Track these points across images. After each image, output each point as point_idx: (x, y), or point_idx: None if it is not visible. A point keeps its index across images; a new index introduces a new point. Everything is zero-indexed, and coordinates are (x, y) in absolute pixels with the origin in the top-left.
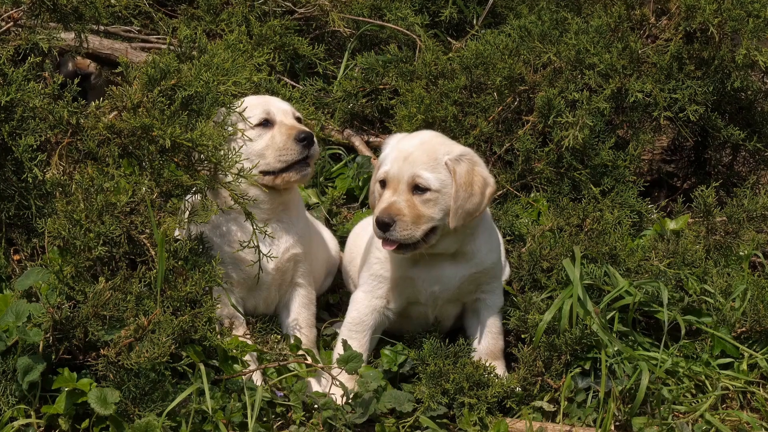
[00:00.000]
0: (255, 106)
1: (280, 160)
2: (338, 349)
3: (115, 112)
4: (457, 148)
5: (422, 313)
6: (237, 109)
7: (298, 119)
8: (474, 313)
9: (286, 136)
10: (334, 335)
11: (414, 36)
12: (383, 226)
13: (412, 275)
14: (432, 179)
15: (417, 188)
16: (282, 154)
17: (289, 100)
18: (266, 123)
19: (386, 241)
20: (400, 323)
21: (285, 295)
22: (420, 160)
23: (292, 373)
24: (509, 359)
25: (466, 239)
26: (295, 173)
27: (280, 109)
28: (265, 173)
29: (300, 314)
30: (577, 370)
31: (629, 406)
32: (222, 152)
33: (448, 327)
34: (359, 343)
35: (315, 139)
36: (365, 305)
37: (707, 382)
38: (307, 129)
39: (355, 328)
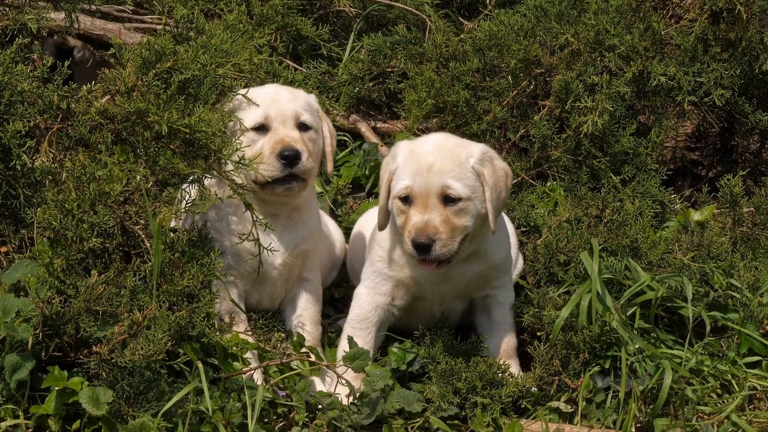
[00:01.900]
0: (256, 107)
1: (263, 174)
2: (343, 347)
3: (107, 97)
4: (475, 148)
5: (428, 309)
6: (242, 106)
7: (302, 125)
8: (484, 310)
9: (270, 151)
10: (339, 332)
11: (424, 16)
12: (423, 248)
13: (420, 276)
14: (462, 188)
15: (448, 199)
16: (264, 169)
17: (291, 83)
18: (261, 128)
19: (425, 262)
20: (405, 318)
21: (291, 290)
22: (445, 168)
23: (295, 371)
24: (524, 358)
25: (479, 238)
26: (281, 188)
27: (281, 114)
28: (254, 181)
29: (306, 310)
30: (596, 369)
31: (651, 407)
32: (221, 139)
33: (455, 322)
34: (363, 341)
35: (305, 155)
36: (368, 302)
37: (734, 382)
38: (294, 145)
39: (359, 326)
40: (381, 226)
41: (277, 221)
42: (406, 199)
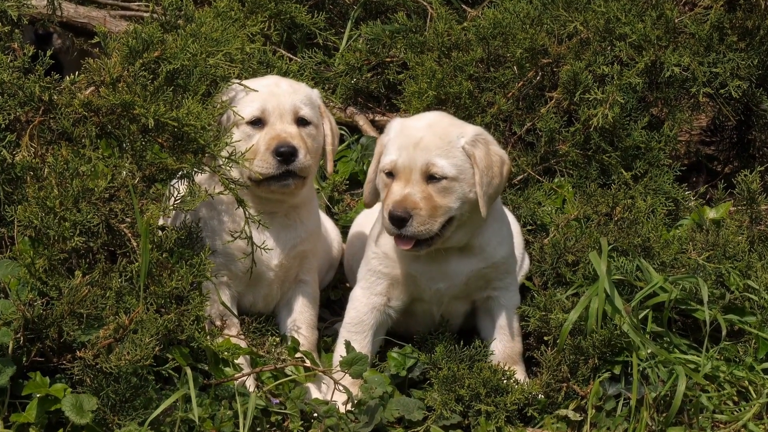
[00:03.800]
0: (254, 99)
1: (258, 171)
2: (339, 351)
3: (92, 88)
4: (469, 129)
5: (427, 311)
6: (238, 98)
7: (301, 119)
8: (486, 313)
9: (265, 146)
10: (336, 336)
11: (425, 3)
12: (398, 221)
13: (414, 272)
14: (447, 166)
15: (432, 177)
16: (259, 166)
17: (285, 74)
18: (258, 122)
19: (401, 239)
20: (405, 322)
21: (287, 292)
22: (433, 145)
23: (290, 377)
24: (530, 364)
25: (476, 230)
26: (277, 186)
27: (279, 108)
28: (249, 178)
29: (302, 313)
30: (606, 375)
31: (664, 415)
32: (211, 133)
33: (457, 326)
34: (360, 345)
35: (302, 152)
36: (364, 303)
37: (751, 389)
38: (290, 141)
39: (355, 329)
40: (367, 203)
41: (274, 220)
42: (391, 174)
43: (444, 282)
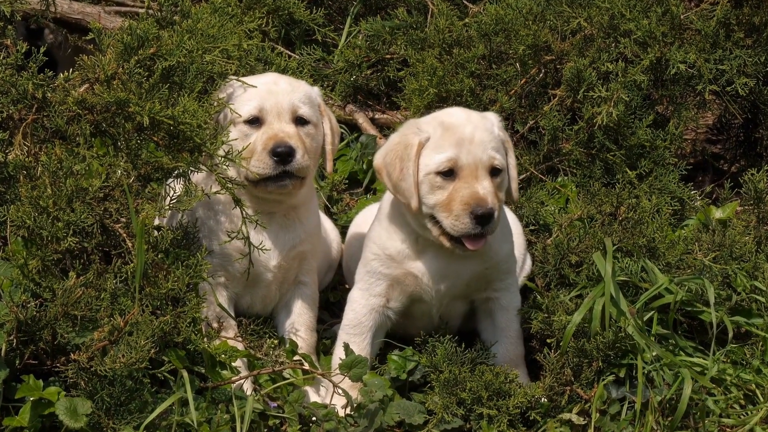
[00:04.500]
0: (251, 98)
1: (254, 171)
2: (338, 354)
3: (86, 85)
4: (490, 115)
5: (426, 312)
6: (235, 95)
7: (300, 118)
8: (487, 315)
9: (262, 146)
10: (334, 338)
11: None
12: (487, 219)
13: (415, 272)
14: (501, 159)
15: (495, 171)
16: (255, 166)
17: (284, 71)
18: (255, 121)
19: (477, 237)
20: (403, 324)
21: (286, 294)
22: (486, 139)
23: (288, 381)
24: (533, 367)
25: None
26: (274, 186)
27: (276, 106)
28: (246, 178)
29: (301, 315)
30: (611, 378)
31: (669, 419)
32: (207, 132)
33: (455, 327)
34: (359, 348)
35: (299, 153)
36: (362, 305)
37: (758, 392)
38: (288, 141)
39: (353, 331)
40: (416, 207)
41: (272, 220)
42: (448, 173)
43: (445, 283)
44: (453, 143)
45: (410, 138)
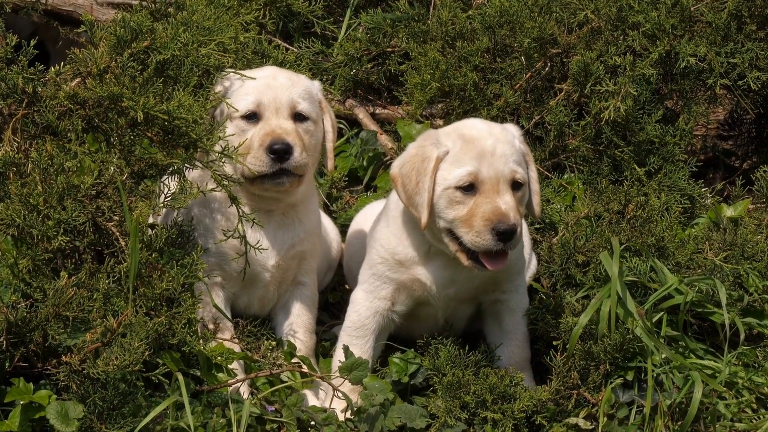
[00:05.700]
0: (249, 92)
1: (251, 169)
2: (338, 356)
3: (78, 79)
4: (510, 127)
5: (431, 315)
6: (232, 89)
7: (298, 114)
8: (494, 317)
9: (259, 143)
10: (334, 340)
11: None
12: (510, 236)
13: (424, 279)
14: (523, 173)
15: (516, 185)
16: (252, 163)
17: (282, 64)
18: (252, 116)
19: (498, 256)
20: (407, 326)
21: (285, 294)
22: (507, 152)
23: (286, 384)
24: (538, 370)
25: None
26: (270, 184)
27: (275, 102)
28: (242, 175)
29: (299, 317)
30: (619, 381)
31: (679, 423)
32: (202, 127)
33: (460, 329)
34: (361, 350)
35: (297, 150)
36: (366, 307)
37: None
38: (285, 138)
39: (356, 333)
40: (425, 224)
41: (270, 219)
42: (469, 188)
43: (454, 287)
44: (473, 157)
45: (428, 150)
